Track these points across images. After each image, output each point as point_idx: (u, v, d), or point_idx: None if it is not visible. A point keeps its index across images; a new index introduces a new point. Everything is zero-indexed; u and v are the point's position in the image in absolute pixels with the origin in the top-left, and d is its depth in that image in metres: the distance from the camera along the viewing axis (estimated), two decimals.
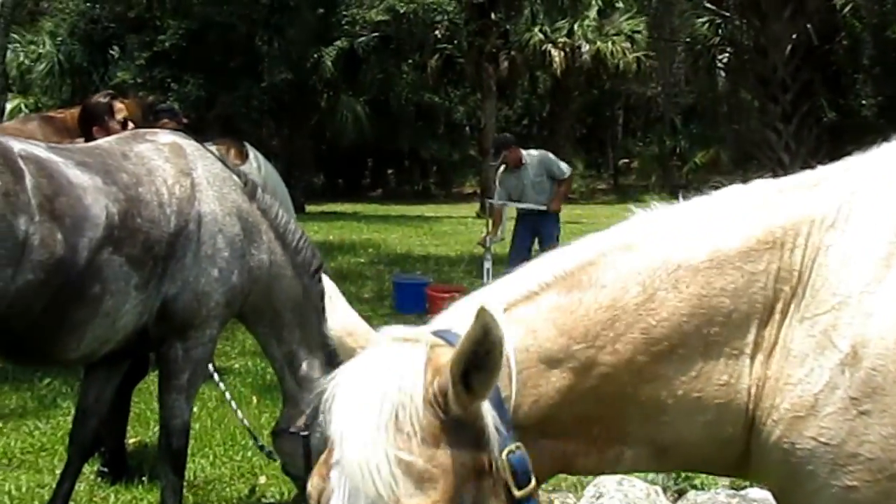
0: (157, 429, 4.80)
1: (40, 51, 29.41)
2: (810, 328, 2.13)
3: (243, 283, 4.48)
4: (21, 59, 29.15)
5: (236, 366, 8.40)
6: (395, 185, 41.00)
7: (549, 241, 11.19)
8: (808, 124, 15.73)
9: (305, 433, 4.66)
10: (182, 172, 4.33)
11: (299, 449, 4.67)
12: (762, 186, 2.37)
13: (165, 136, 4.56)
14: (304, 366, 4.75)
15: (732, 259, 2.19)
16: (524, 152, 11.36)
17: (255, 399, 7.25)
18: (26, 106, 28.53)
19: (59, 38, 29.38)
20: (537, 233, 11.20)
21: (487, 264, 11.23)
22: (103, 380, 4.60)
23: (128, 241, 4.00)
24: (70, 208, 3.78)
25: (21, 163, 3.68)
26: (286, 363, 4.77)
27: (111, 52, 29.40)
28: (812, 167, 2.33)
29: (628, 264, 2.20)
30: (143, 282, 4.09)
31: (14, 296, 3.60)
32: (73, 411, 4.87)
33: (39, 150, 3.93)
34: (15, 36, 24.36)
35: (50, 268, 3.69)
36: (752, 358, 2.18)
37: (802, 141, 15.49)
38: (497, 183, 11.83)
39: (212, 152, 4.72)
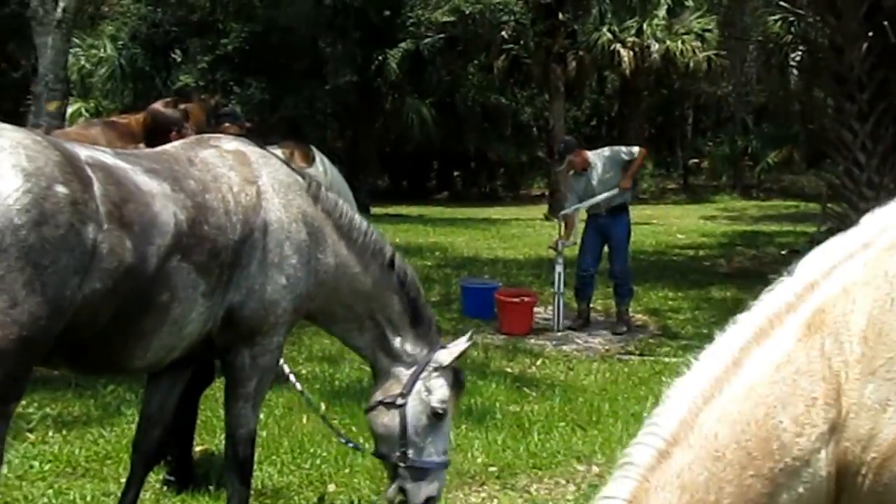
0: (223, 437, 4.74)
1: (101, 55, 29.70)
2: (886, 373, 2.04)
3: (310, 289, 4.44)
4: (82, 63, 29.49)
5: (304, 371, 8.35)
6: (462, 188, 40.78)
7: (620, 243, 11.02)
8: (885, 123, 15.33)
9: (403, 402, 4.65)
10: (247, 181, 4.27)
11: (395, 420, 4.65)
12: (806, 271, 2.25)
13: (229, 143, 4.49)
14: (397, 343, 4.77)
15: (770, 375, 2.05)
16: (591, 153, 11.09)
17: (323, 405, 7.19)
18: (87, 110, 28.97)
19: (121, 43, 29.69)
20: (607, 236, 10.98)
21: (559, 268, 11.11)
22: (167, 387, 4.55)
23: (196, 248, 3.94)
24: (139, 215, 3.72)
25: (89, 170, 3.63)
26: (377, 346, 4.77)
27: (173, 55, 29.70)
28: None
29: (664, 477, 2.04)
30: (210, 289, 4.03)
31: (81, 304, 3.54)
32: (137, 419, 4.83)
33: (106, 157, 3.87)
34: (76, 40, 24.61)
35: (118, 276, 3.62)
36: (825, 448, 2.05)
37: (879, 140, 15.12)
38: (568, 191, 11.67)
39: (275, 155, 4.67)
